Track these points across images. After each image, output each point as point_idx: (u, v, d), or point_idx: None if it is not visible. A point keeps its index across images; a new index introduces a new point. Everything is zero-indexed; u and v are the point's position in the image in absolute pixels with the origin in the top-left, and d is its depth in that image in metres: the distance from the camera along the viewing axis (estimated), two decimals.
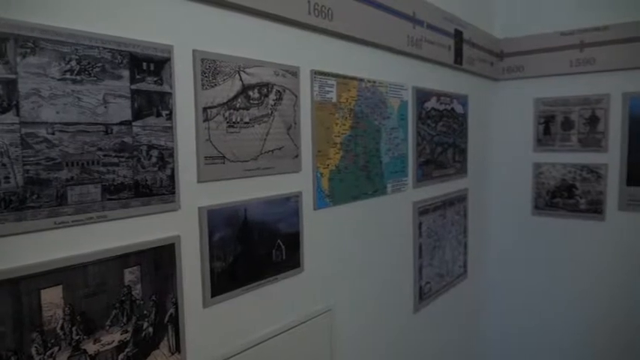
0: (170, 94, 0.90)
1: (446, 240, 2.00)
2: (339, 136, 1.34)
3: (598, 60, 2.19)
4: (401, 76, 1.65)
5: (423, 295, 1.84)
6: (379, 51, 1.53)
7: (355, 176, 1.42)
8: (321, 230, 1.30)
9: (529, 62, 2.37)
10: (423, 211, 1.81)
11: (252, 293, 1.10)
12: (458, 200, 2.10)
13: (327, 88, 1.29)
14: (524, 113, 2.43)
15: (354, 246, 1.45)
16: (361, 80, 1.43)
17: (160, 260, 0.90)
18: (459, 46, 2.00)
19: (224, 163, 1.01)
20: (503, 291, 2.54)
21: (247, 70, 1.05)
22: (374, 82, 1.49)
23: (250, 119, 1.06)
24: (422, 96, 1.77)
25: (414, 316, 1.81)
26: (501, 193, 2.50)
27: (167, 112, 0.89)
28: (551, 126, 2.35)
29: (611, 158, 2.21)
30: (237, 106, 1.03)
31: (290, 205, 1.18)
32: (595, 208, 2.26)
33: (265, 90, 1.09)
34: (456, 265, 2.11)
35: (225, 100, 1.00)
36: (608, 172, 2.22)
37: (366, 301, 1.52)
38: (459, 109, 2.06)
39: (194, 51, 0.95)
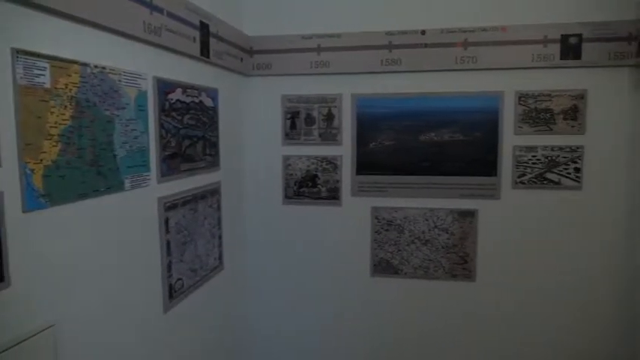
0: None
1: (198, 234, 1.98)
2: (56, 127, 1.17)
3: (332, 63, 2.46)
4: (138, 64, 1.54)
5: (174, 293, 1.78)
6: (110, 35, 1.39)
7: (81, 172, 1.27)
8: (36, 235, 1.12)
9: (276, 61, 2.52)
10: (170, 206, 1.74)
11: None
12: (210, 193, 2.10)
13: (36, 71, 1.11)
14: (273, 109, 2.58)
15: (86, 248, 1.30)
16: (86, 65, 1.28)
17: None
18: (206, 39, 1.99)
19: None
20: (262, 278, 2.67)
21: None
22: (103, 68, 1.35)
23: None
24: (165, 87, 1.70)
25: (165, 316, 1.75)
26: (255, 185, 2.62)
27: None
28: (296, 121, 2.55)
29: (345, 151, 2.53)
30: None
31: None
32: (334, 195, 2.55)
33: None
34: (210, 258, 2.12)
35: None
36: (342, 163, 2.53)
37: (104, 309, 1.39)
38: (208, 102, 2.06)
39: None
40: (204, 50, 1.98)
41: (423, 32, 2.37)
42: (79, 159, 1.26)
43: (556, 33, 2.26)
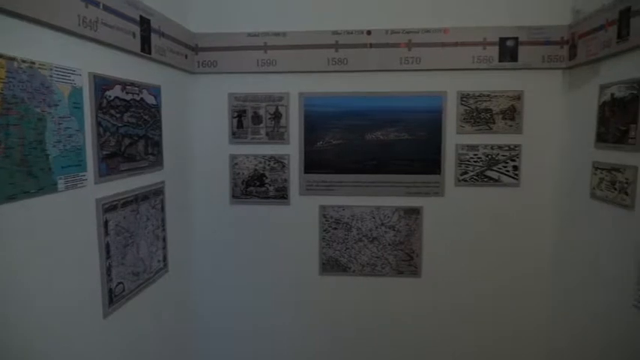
0: None
1: (140, 236, 1.91)
2: None
3: (279, 62, 2.45)
4: (72, 59, 1.47)
5: (114, 298, 1.72)
6: (40, 28, 1.32)
7: (9, 172, 1.20)
8: None
9: (222, 58, 2.48)
10: (109, 207, 1.68)
11: None
12: (154, 194, 2.04)
13: None
14: (220, 107, 2.54)
15: (17, 252, 1.23)
16: (12, 60, 1.21)
17: None
18: (147, 35, 1.92)
19: None
20: (210, 278, 2.62)
21: None
22: (32, 63, 1.28)
23: None
24: (102, 83, 1.63)
25: (106, 321, 1.68)
26: (202, 185, 2.57)
27: None
28: (243, 120, 2.52)
29: (292, 150, 2.52)
30: None
31: None
32: (282, 194, 2.54)
33: None
34: (154, 261, 2.05)
35: None
36: (290, 162, 2.52)
37: (38, 316, 1.31)
38: (150, 99, 1.99)
39: None
40: (146, 46, 1.91)
41: (369, 32, 2.40)
42: (7, 158, 1.18)
43: (495, 36, 2.35)
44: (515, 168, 2.44)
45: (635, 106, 1.71)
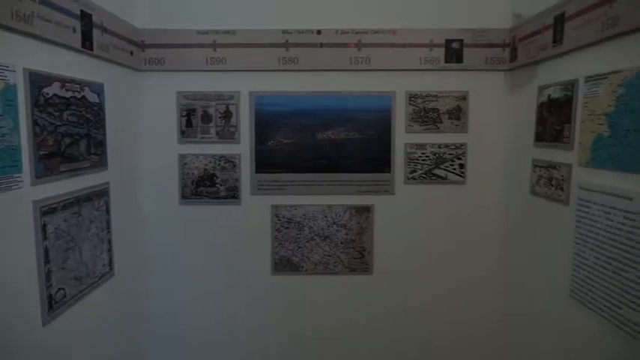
0: None
1: (83, 239, 1.84)
2: None
3: (228, 60, 2.42)
4: (5, 54, 1.40)
5: (54, 304, 1.64)
6: None
7: None
8: None
9: (170, 55, 2.42)
10: (48, 210, 1.60)
11: None
12: (97, 195, 1.97)
13: None
14: (168, 105, 2.48)
15: None
16: None
17: None
18: (88, 30, 1.85)
19: None
20: (160, 281, 2.55)
21: None
22: None
23: None
24: (39, 80, 1.55)
25: (45, 330, 1.60)
26: (150, 185, 2.49)
27: None
28: (192, 119, 2.47)
29: (243, 149, 2.50)
30: None
31: None
32: (233, 194, 2.51)
33: None
34: (99, 264, 1.98)
35: None
36: (241, 161, 2.50)
37: None
38: (92, 97, 1.92)
39: None
40: (87, 42, 1.84)
41: (319, 32, 2.41)
42: None
43: (441, 38, 2.42)
44: (462, 166, 2.52)
45: (569, 107, 1.80)
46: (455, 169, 2.52)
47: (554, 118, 1.92)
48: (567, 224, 1.81)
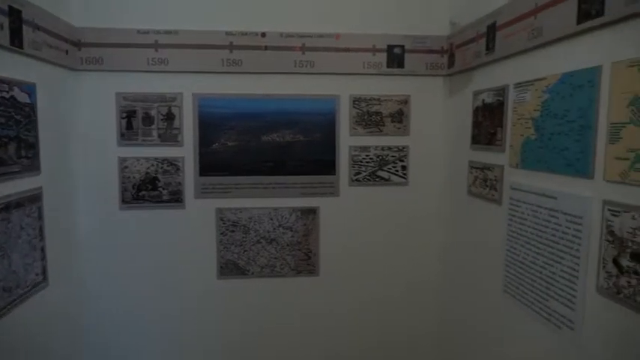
0: None
1: (12, 247, 1.75)
2: None
3: (171, 61, 2.37)
4: None
5: None
6: None
7: None
8: None
9: (109, 55, 2.34)
10: None
11: None
12: (29, 201, 1.87)
13: None
14: (107, 107, 2.39)
15: None
16: None
17: None
18: (18, 27, 1.76)
19: None
20: (101, 289, 2.46)
21: None
22: None
23: None
24: None
25: None
26: (88, 190, 2.40)
27: None
28: (133, 121, 2.40)
29: (187, 152, 2.45)
30: None
31: None
32: (176, 198, 2.46)
33: None
34: (31, 274, 1.88)
35: None
36: (184, 164, 2.45)
37: None
38: (22, 97, 1.83)
39: None
40: (16, 39, 1.75)
41: (264, 35, 2.41)
42: None
43: (383, 43, 2.48)
44: (404, 168, 2.59)
45: (500, 112, 1.90)
46: (397, 170, 2.59)
47: (488, 122, 2.02)
48: (500, 223, 1.91)
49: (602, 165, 1.31)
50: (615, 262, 1.25)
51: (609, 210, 1.27)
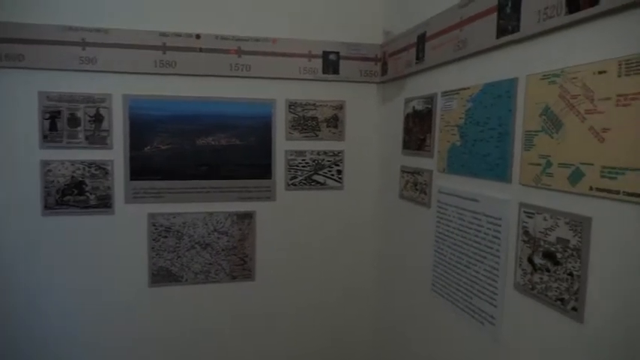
0: None
1: None
2: None
3: (100, 60, 2.28)
4: None
5: None
6: None
7: None
8: None
9: (30, 52, 2.21)
10: None
11: None
12: None
13: None
14: (28, 106, 2.25)
15: None
16: None
17: None
18: None
19: None
20: (20, 303, 2.30)
21: None
22: None
23: None
24: None
25: None
26: (5, 195, 2.24)
27: None
28: (57, 122, 2.28)
29: (117, 155, 2.36)
30: None
31: None
32: (105, 203, 2.36)
33: None
34: None
35: None
36: (114, 168, 2.36)
37: None
38: None
39: None
40: None
41: (198, 36, 2.37)
42: None
43: (318, 49, 2.52)
44: (340, 172, 2.64)
45: (429, 119, 1.99)
46: (333, 175, 2.63)
47: (418, 128, 2.11)
48: (429, 225, 1.99)
49: (518, 170, 1.41)
50: (530, 260, 1.34)
51: (524, 212, 1.37)
